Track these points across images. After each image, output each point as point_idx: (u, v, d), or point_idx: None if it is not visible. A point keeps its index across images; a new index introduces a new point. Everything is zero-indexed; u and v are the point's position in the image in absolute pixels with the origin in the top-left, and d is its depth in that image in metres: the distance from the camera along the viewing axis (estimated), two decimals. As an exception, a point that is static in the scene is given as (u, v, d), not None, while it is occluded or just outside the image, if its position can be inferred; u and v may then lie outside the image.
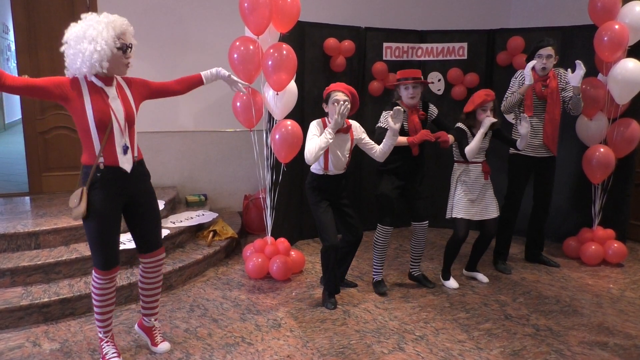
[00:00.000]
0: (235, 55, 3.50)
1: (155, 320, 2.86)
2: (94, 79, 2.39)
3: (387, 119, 3.20)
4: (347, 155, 3.35)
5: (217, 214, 4.62)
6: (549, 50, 3.78)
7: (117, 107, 2.43)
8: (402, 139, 3.40)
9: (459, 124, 3.59)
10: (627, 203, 4.45)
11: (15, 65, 4.80)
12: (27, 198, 4.61)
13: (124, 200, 2.52)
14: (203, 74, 2.81)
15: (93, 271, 2.53)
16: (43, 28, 4.55)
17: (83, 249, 3.58)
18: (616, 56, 3.94)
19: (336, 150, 3.29)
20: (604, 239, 4.22)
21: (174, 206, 4.76)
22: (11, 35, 10.40)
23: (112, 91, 2.45)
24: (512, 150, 4.01)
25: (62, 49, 2.36)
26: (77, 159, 4.80)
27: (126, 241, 3.61)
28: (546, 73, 3.83)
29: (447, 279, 3.77)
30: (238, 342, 2.93)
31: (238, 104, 3.69)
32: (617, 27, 3.85)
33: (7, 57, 10.87)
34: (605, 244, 4.20)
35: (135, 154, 2.55)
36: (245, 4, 3.42)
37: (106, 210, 2.43)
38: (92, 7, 4.62)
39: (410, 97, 3.43)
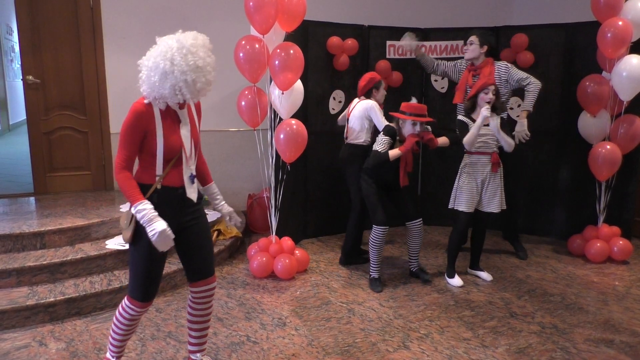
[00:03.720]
0: (241, 54, 3.50)
1: (204, 356, 2.59)
2: (170, 103, 2.17)
3: (385, 144, 3.46)
4: None
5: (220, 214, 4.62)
6: (472, 38, 4.01)
7: (185, 133, 2.25)
8: (396, 151, 3.49)
9: (460, 117, 3.64)
10: (632, 200, 4.43)
11: (19, 66, 4.81)
12: (32, 198, 4.62)
13: (177, 225, 2.26)
14: (213, 184, 2.54)
15: (126, 300, 2.30)
16: (47, 29, 4.57)
17: (88, 249, 3.59)
18: (620, 52, 3.92)
19: None
20: (609, 237, 4.21)
21: (178, 206, 4.76)
22: (15, 37, 10.42)
23: (184, 116, 2.26)
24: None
25: (147, 76, 2.09)
26: (81, 158, 4.83)
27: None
28: (469, 58, 4.05)
29: (452, 276, 3.77)
30: (243, 341, 2.94)
31: (243, 103, 3.69)
32: (620, 23, 3.83)
33: (12, 58, 10.90)
34: (611, 242, 4.19)
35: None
36: (251, 3, 3.42)
37: None
38: (96, 9, 4.64)
39: (413, 133, 3.49)
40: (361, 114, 3.90)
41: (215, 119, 5.18)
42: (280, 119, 3.78)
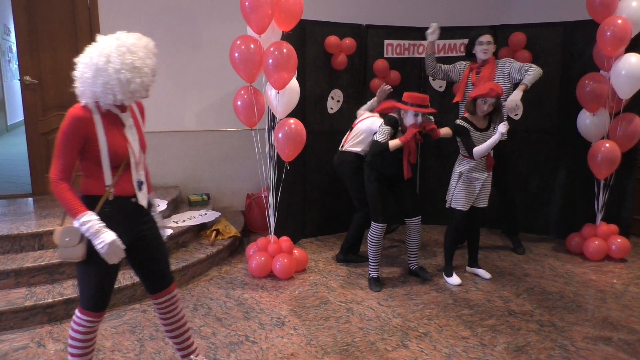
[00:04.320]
0: (236, 54, 3.50)
1: (197, 355, 2.53)
2: (107, 105, 2.06)
3: (386, 132, 3.40)
4: None
5: (219, 213, 4.63)
6: (489, 37, 4.01)
7: (131, 137, 2.13)
8: (396, 142, 3.43)
9: (459, 121, 3.58)
10: (631, 198, 4.43)
11: (17, 66, 4.80)
12: (30, 199, 4.62)
13: (131, 236, 2.18)
14: (152, 195, 2.38)
15: (79, 312, 2.17)
16: (44, 29, 4.56)
17: (86, 249, 3.59)
18: (619, 51, 3.93)
19: None
20: (607, 235, 4.21)
21: (177, 206, 4.76)
22: (12, 37, 10.41)
23: (127, 119, 2.15)
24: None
25: (81, 72, 2.02)
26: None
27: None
28: (486, 58, 4.04)
29: (450, 275, 3.78)
30: (242, 341, 2.94)
31: (239, 103, 3.69)
32: (620, 21, 3.83)
33: (9, 58, 10.88)
34: (609, 240, 4.19)
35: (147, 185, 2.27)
36: (247, 3, 3.42)
37: None
38: (93, 9, 4.63)
39: (415, 125, 3.44)
40: (370, 130, 3.87)
41: (213, 119, 5.18)
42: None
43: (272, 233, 3.99)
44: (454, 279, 3.74)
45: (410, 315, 3.25)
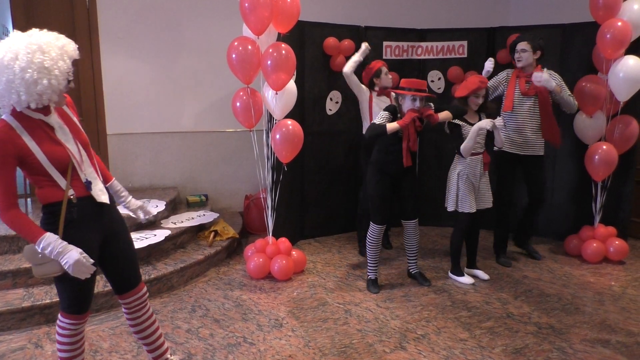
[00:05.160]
0: (234, 56, 3.50)
1: (171, 355, 2.50)
2: (26, 111, 1.91)
3: (384, 117, 3.37)
4: None
5: (218, 214, 4.62)
6: (523, 45, 3.88)
7: (65, 138, 2.01)
8: (394, 125, 3.37)
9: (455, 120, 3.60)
10: (628, 200, 4.44)
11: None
12: (29, 200, 4.59)
13: (103, 236, 2.13)
14: (114, 181, 2.35)
15: (62, 317, 2.12)
16: (43, 30, 4.54)
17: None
18: (619, 54, 3.94)
19: None
20: (605, 237, 4.22)
21: (175, 207, 4.76)
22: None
23: (55, 120, 2.01)
24: (496, 147, 3.99)
25: None
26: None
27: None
28: (523, 66, 3.91)
29: (461, 274, 3.78)
30: (240, 342, 2.93)
31: (238, 104, 3.69)
32: (620, 24, 3.84)
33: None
34: (607, 242, 4.20)
35: (101, 179, 2.17)
36: (246, 4, 3.42)
37: (88, 250, 2.01)
38: (92, 9, 4.62)
39: (413, 109, 3.41)
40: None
41: (211, 120, 5.17)
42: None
43: (271, 234, 3.98)
44: (466, 279, 3.74)
45: (409, 317, 3.25)
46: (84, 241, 2.01)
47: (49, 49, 1.90)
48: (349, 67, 4.10)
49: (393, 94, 3.61)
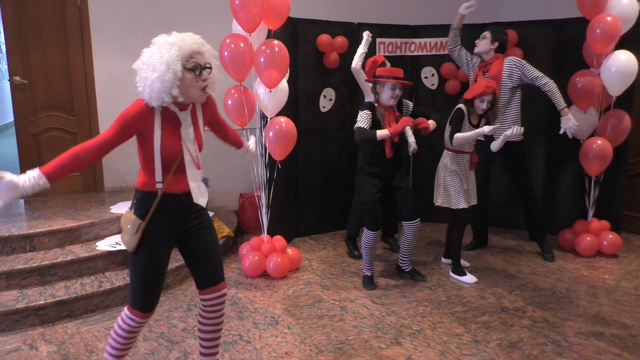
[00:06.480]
0: (226, 53, 3.49)
1: None
2: (169, 104, 2.08)
3: (367, 119, 3.35)
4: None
5: (212, 213, 4.61)
6: (484, 33, 4.04)
7: (188, 136, 2.15)
8: (384, 132, 3.37)
9: (461, 105, 3.58)
10: (621, 194, 4.47)
11: (6, 67, 4.76)
12: (21, 200, 4.57)
13: (179, 233, 2.21)
14: (246, 144, 2.65)
15: (127, 311, 2.19)
16: (34, 28, 4.52)
17: (78, 251, 3.56)
18: (609, 48, 3.95)
19: None
20: (598, 231, 4.24)
21: (170, 206, 4.74)
22: (2, 37, 10.31)
23: (186, 117, 2.16)
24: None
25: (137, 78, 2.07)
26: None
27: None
28: (479, 52, 4.06)
29: (463, 274, 3.76)
30: (236, 340, 2.93)
31: (230, 102, 3.68)
32: (609, 19, 3.86)
33: (-1, 58, 10.79)
34: (600, 235, 4.23)
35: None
36: (237, 1, 3.41)
37: (161, 244, 2.14)
38: (83, 8, 4.59)
39: (393, 97, 3.39)
40: None
41: (205, 119, 5.15)
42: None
43: (266, 232, 3.98)
44: (469, 278, 3.73)
45: (404, 313, 3.26)
46: (159, 232, 2.12)
47: (163, 46, 2.02)
48: (356, 62, 4.04)
49: (370, 84, 3.56)
